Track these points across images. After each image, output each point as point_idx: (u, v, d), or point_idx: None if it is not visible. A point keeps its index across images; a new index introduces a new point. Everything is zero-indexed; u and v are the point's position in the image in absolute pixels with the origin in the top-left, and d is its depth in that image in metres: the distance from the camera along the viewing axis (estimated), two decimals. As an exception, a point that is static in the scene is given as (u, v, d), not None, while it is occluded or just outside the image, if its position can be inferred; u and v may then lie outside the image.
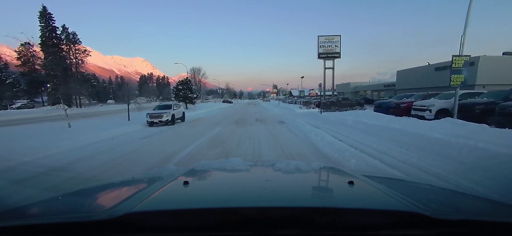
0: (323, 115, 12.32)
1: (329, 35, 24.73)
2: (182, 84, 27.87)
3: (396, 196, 0.86)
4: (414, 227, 0.67)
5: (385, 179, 1.46)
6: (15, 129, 10.99)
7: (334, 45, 24.92)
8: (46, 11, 37.31)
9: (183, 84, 27.91)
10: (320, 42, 24.95)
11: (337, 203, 0.87)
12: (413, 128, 6.16)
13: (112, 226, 0.66)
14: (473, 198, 1.11)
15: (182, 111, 14.34)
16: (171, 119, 12.22)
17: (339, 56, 25.06)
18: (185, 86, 27.85)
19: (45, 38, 37.61)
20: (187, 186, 1.01)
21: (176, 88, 27.90)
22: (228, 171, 1.31)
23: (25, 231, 0.69)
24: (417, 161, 4.14)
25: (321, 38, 24.85)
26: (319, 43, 24.96)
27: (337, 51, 24.94)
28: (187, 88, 27.97)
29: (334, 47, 24.85)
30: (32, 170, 4.59)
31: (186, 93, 27.61)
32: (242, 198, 0.94)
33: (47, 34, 37.71)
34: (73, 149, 6.44)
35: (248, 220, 0.68)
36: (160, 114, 11.90)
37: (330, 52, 24.95)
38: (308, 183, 1.18)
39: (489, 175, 3.17)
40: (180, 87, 27.75)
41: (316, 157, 5.03)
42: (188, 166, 1.64)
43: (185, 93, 27.59)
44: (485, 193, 2.59)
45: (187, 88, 27.98)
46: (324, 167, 1.49)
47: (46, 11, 37.31)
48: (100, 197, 1.15)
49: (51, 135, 8.17)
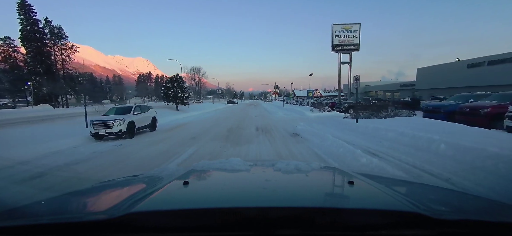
0: (361, 126, 8.16)
1: (346, 24, 20.48)
2: (172, 82, 23.90)
3: (396, 196, 0.86)
4: (414, 227, 0.66)
5: (385, 179, 1.42)
6: None
7: (352, 35, 20.72)
8: (26, 3, 33.70)
9: (173, 82, 23.94)
10: (336, 31, 20.73)
11: (337, 203, 0.86)
12: None
13: (112, 226, 0.65)
14: (473, 198, 1.11)
15: (151, 117, 10.27)
16: (127, 128, 8.15)
17: (358, 49, 20.86)
18: (175, 85, 23.89)
19: (26, 32, 34.05)
20: (187, 186, 0.99)
21: (165, 87, 23.86)
22: (228, 171, 1.27)
23: (25, 231, 0.68)
24: None
25: (336, 27, 20.62)
26: (334, 33, 20.73)
27: (355, 42, 20.75)
28: (177, 87, 24.01)
29: (351, 37, 20.66)
30: None
31: (176, 93, 23.65)
32: (242, 198, 0.93)
33: (27, 28, 34.13)
34: None
35: (248, 220, 0.67)
36: (108, 122, 7.86)
37: (347, 43, 20.76)
38: (308, 183, 1.14)
39: None
40: (169, 85, 23.79)
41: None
42: (188, 166, 1.61)
43: (175, 93, 23.63)
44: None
45: (177, 86, 24.01)
46: (324, 167, 1.47)
47: (26, 3, 33.70)
48: (100, 197, 1.12)
49: None
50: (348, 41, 20.76)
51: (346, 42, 20.76)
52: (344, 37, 20.65)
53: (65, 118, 15.22)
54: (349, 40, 20.74)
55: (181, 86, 24.29)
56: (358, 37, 20.75)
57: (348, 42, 20.78)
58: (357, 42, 20.80)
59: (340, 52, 20.98)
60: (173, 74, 24.49)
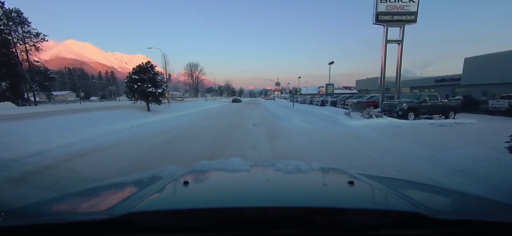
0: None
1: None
2: (139, 73, 16.82)
3: (396, 196, 0.85)
4: (414, 227, 0.66)
5: (385, 179, 1.41)
6: None
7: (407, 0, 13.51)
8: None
9: (140, 72, 16.85)
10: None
11: (337, 203, 0.85)
12: None
13: (112, 226, 0.65)
14: (473, 198, 1.09)
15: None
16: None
17: (415, 21, 13.66)
18: (144, 76, 16.82)
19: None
20: (187, 186, 0.99)
21: (129, 79, 16.78)
22: (228, 171, 1.29)
23: (25, 231, 0.67)
24: None
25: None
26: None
27: (412, 10, 13.53)
28: (148, 80, 16.95)
29: (405, 4, 13.47)
30: None
31: (144, 88, 16.59)
32: (242, 198, 0.92)
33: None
34: None
35: (248, 220, 0.67)
36: None
37: (398, 12, 13.54)
38: (308, 183, 1.15)
39: None
40: (135, 77, 16.70)
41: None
42: (188, 166, 1.60)
43: (142, 88, 16.57)
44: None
45: (148, 79, 16.95)
46: (324, 167, 1.44)
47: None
48: (100, 197, 1.11)
49: None
50: (401, 9, 13.51)
51: (397, 10, 13.52)
52: (394, 1, 13.42)
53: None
54: (401, 7, 13.50)
55: (152, 78, 17.22)
56: (416, 3, 13.52)
57: (400, 10, 13.52)
58: (414, 10, 13.56)
59: (386, 24, 13.72)
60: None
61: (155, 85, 17.31)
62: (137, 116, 13.91)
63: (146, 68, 17.18)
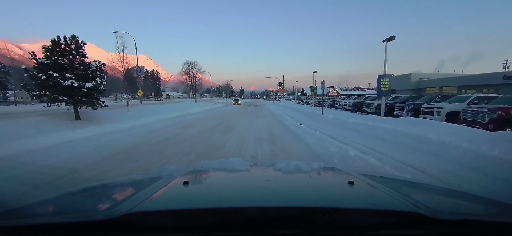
0: None
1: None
2: (54, 55, 9.93)
3: (396, 196, 0.86)
4: (414, 227, 0.66)
5: (385, 179, 1.42)
6: None
7: None
8: None
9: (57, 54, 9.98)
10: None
11: (337, 203, 0.84)
12: None
13: (112, 226, 0.65)
14: (473, 198, 1.08)
15: None
16: None
17: None
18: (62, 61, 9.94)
19: None
20: (187, 186, 0.98)
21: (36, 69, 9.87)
22: (228, 171, 1.27)
23: (25, 231, 0.67)
24: None
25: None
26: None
27: None
28: (70, 67, 10.05)
29: None
30: None
31: (54, 82, 9.65)
32: (242, 198, 0.92)
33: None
34: None
35: (248, 220, 0.67)
36: None
37: None
38: (308, 183, 1.13)
39: None
40: (48, 62, 9.82)
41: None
42: (188, 166, 1.61)
43: (52, 82, 9.66)
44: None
45: (69, 66, 10.06)
46: (324, 167, 1.45)
47: None
48: (100, 197, 1.11)
49: None
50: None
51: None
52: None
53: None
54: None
55: (79, 66, 10.25)
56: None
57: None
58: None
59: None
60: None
61: (86, 77, 10.42)
62: (31, 133, 7.02)
63: (66, 49, 10.23)
